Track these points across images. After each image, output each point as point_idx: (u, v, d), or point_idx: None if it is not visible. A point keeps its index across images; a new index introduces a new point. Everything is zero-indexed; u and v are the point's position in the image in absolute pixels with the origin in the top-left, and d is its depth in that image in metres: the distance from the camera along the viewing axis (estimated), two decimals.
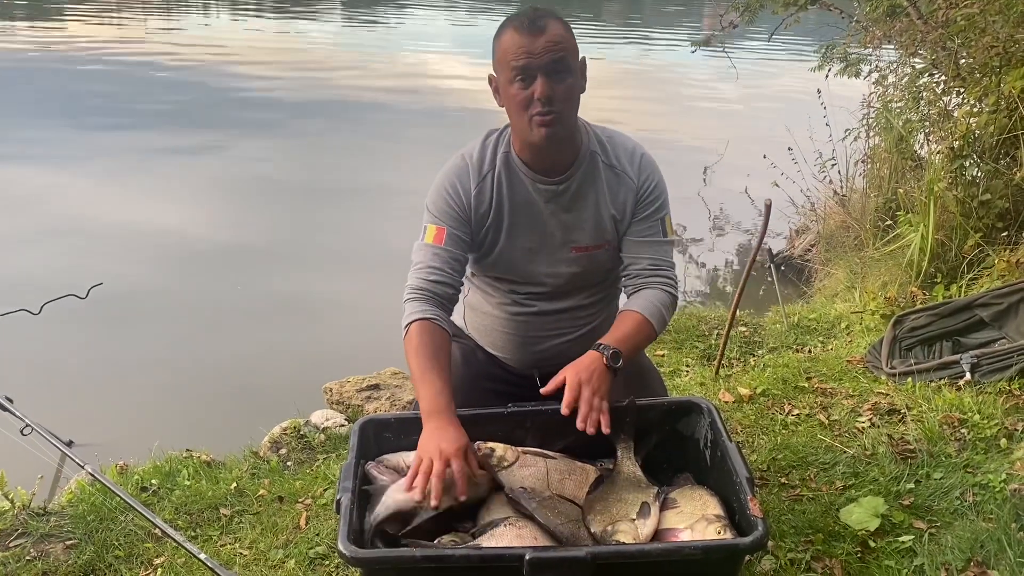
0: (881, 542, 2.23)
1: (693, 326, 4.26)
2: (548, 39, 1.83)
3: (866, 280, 4.68)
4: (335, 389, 3.71)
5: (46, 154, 8.34)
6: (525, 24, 1.84)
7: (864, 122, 5.60)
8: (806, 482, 2.57)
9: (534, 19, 1.84)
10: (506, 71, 1.87)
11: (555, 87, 1.85)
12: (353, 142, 9.46)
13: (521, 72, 1.84)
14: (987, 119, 4.23)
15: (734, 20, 6.53)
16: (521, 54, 1.83)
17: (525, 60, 1.83)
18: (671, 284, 2.05)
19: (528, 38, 1.83)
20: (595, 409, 1.77)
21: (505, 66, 1.87)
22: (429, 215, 2.02)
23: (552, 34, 1.84)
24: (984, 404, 2.89)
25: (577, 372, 1.81)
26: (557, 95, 1.86)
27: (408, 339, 1.91)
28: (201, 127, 9.63)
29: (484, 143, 2.04)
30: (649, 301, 2.00)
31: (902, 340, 3.46)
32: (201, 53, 14.14)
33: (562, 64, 1.85)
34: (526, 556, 1.52)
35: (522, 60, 1.83)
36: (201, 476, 2.86)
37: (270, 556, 2.37)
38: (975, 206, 4.21)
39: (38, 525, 2.51)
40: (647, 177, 2.04)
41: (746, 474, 1.74)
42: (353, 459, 1.82)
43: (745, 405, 3.13)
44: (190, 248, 6.22)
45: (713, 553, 1.61)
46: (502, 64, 1.89)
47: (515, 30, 1.85)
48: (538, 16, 1.85)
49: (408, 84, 12.53)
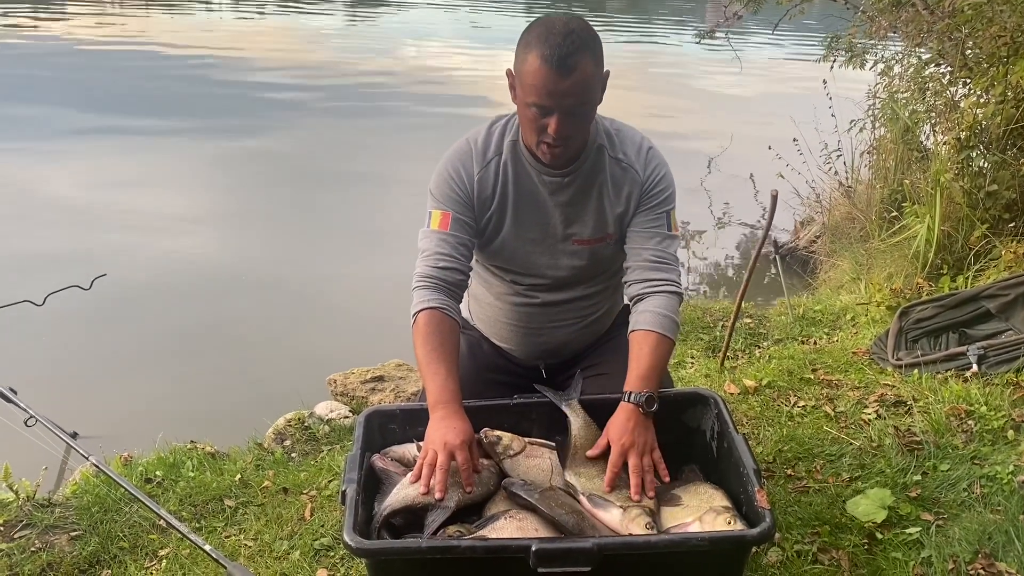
0: (888, 534, 2.22)
1: (698, 318, 4.25)
2: (575, 81, 1.74)
3: (872, 271, 4.67)
4: (339, 381, 3.71)
5: (48, 145, 8.33)
6: (555, 60, 1.72)
7: (870, 113, 5.57)
8: (812, 474, 2.56)
9: (565, 56, 1.72)
10: (525, 94, 1.80)
11: (570, 125, 1.81)
12: (358, 131, 9.45)
13: (540, 108, 1.79)
14: (994, 109, 4.20)
15: (739, 11, 6.51)
16: (544, 92, 1.75)
17: (548, 100, 1.77)
18: (675, 283, 1.99)
19: (555, 76, 1.73)
20: (647, 471, 1.78)
21: (525, 90, 1.79)
22: (433, 200, 1.99)
23: (580, 75, 1.74)
24: (991, 396, 2.88)
25: (619, 438, 1.79)
26: (571, 131, 1.83)
27: (416, 328, 1.89)
28: (207, 119, 9.62)
29: (490, 129, 2.02)
30: (657, 313, 1.93)
31: (908, 332, 3.44)
32: (204, 46, 14.11)
33: (583, 107, 1.81)
34: (532, 547, 1.52)
35: (545, 99, 1.76)
36: (205, 467, 2.86)
37: (275, 547, 2.37)
38: (982, 197, 4.19)
39: (43, 516, 2.51)
40: (653, 170, 2.00)
41: (753, 465, 1.73)
42: (358, 450, 1.82)
43: (751, 397, 3.12)
44: (195, 239, 6.21)
45: (720, 544, 1.60)
46: (522, 84, 1.80)
47: (544, 63, 1.73)
48: (569, 52, 1.72)
49: (411, 75, 12.50)
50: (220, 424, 3.55)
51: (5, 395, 2.58)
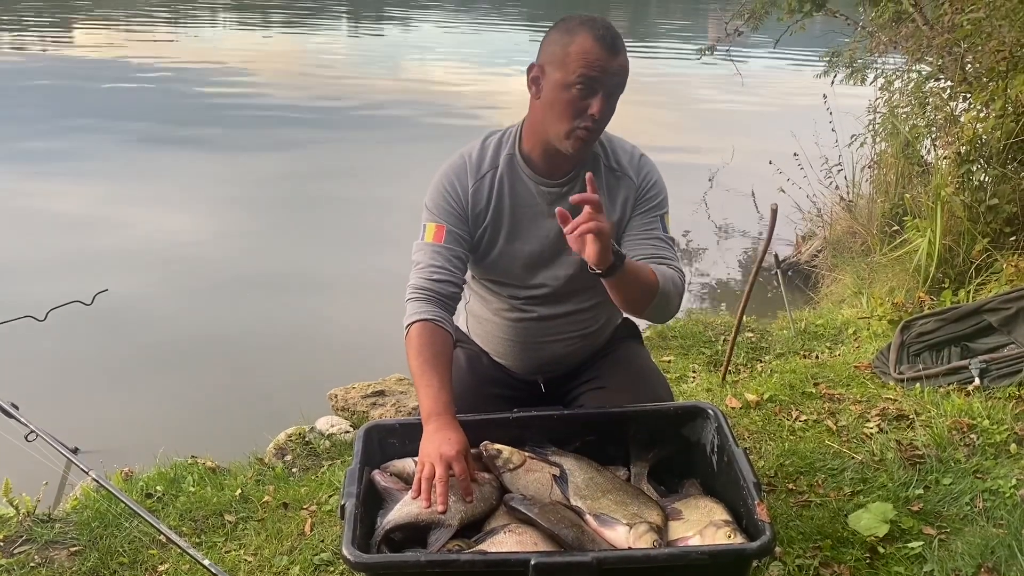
0: (890, 548, 2.21)
1: (699, 332, 4.25)
2: (621, 63, 1.82)
3: (873, 285, 4.67)
4: (340, 395, 3.70)
5: (52, 162, 8.36)
6: (608, 39, 1.80)
7: (870, 127, 5.59)
8: (814, 488, 2.55)
9: (614, 37, 1.81)
10: (567, 74, 1.80)
11: (608, 109, 1.85)
12: (360, 146, 9.50)
13: (589, 83, 1.80)
14: (994, 124, 4.22)
15: (740, 27, 6.54)
16: (597, 66, 1.79)
17: (599, 73, 1.79)
18: (678, 270, 1.98)
19: (608, 53, 1.79)
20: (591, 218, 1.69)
21: (569, 69, 1.80)
22: (428, 213, 2.00)
23: (624, 58, 1.84)
24: (993, 409, 2.87)
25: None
26: (605, 117, 1.86)
27: (409, 340, 1.90)
28: (210, 137, 9.65)
29: (484, 143, 2.03)
30: (661, 271, 1.91)
31: (910, 345, 3.44)
32: (206, 63, 14.19)
33: (621, 90, 1.86)
34: (531, 561, 1.51)
35: (596, 72, 1.79)
36: (206, 482, 2.85)
37: (275, 563, 2.36)
38: (983, 211, 4.20)
39: (43, 532, 2.50)
40: (646, 175, 2.03)
41: (753, 479, 1.73)
42: (357, 465, 1.81)
43: (752, 411, 3.11)
44: (197, 255, 6.22)
45: (720, 558, 1.59)
46: (565, 65, 1.80)
47: (596, 40, 1.79)
48: (616, 35, 1.82)
49: (413, 94, 12.55)
50: (221, 439, 3.55)
51: (6, 410, 2.57)
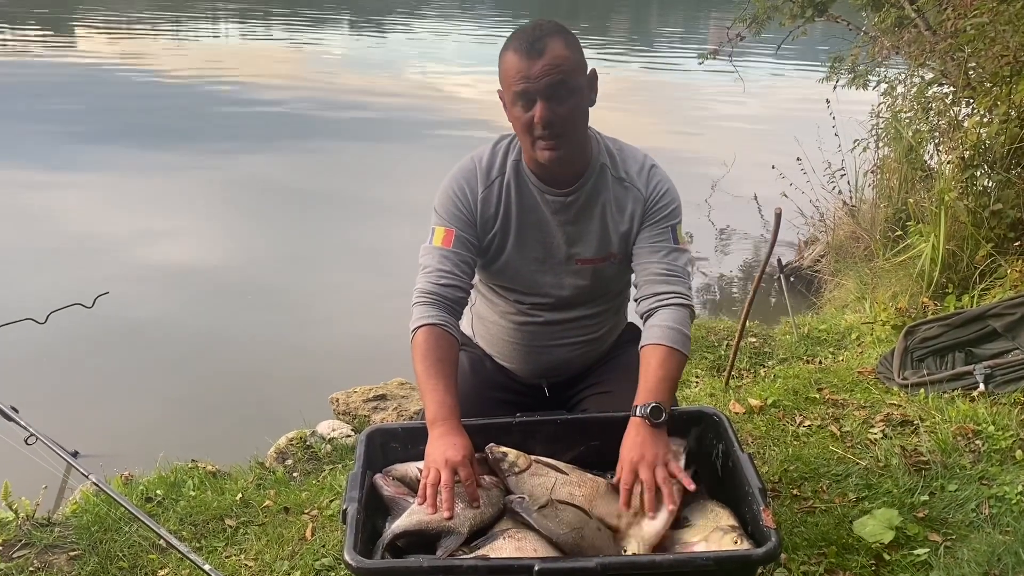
0: (896, 555, 2.20)
1: (703, 337, 4.23)
2: (546, 63, 1.78)
3: (876, 291, 4.65)
4: (342, 399, 3.69)
5: (51, 166, 8.36)
6: (524, 47, 1.80)
7: (873, 132, 5.58)
8: (819, 494, 2.54)
9: (533, 41, 1.79)
10: (508, 93, 1.86)
11: (555, 110, 1.81)
12: (362, 151, 9.48)
13: (523, 96, 1.82)
14: (997, 128, 4.21)
15: (741, 32, 6.55)
16: (519, 79, 1.80)
17: (523, 85, 1.80)
18: (685, 296, 1.96)
19: (526, 62, 1.79)
20: (663, 484, 1.72)
21: (507, 88, 1.85)
22: (437, 217, 1.99)
23: (552, 56, 1.79)
24: (998, 415, 2.86)
25: (627, 454, 1.75)
26: (558, 118, 1.82)
27: (415, 344, 1.89)
28: (209, 141, 9.65)
29: (495, 148, 2.02)
30: (666, 326, 1.90)
31: (914, 351, 3.42)
32: (209, 68, 14.20)
33: (562, 87, 1.81)
34: (535, 567, 1.50)
35: (520, 85, 1.80)
36: (206, 487, 2.84)
37: (275, 568, 2.34)
38: (986, 216, 4.18)
39: (42, 536, 2.49)
40: (656, 186, 2.00)
41: (758, 485, 1.71)
42: (360, 469, 1.80)
43: (756, 416, 3.10)
44: (197, 259, 6.22)
45: (725, 564, 1.57)
46: (504, 85, 1.87)
47: (515, 52, 1.81)
48: (538, 37, 1.80)
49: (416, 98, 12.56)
50: (222, 443, 3.54)
51: (6, 413, 2.56)
